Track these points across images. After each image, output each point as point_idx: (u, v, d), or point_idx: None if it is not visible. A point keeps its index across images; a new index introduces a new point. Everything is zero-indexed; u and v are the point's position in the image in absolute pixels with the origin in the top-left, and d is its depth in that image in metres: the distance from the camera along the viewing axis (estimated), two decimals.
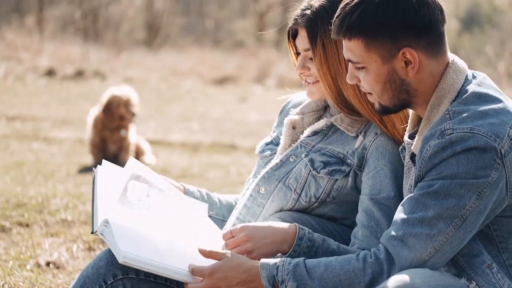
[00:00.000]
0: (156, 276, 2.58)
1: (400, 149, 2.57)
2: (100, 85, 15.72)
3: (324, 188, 2.63)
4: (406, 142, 2.51)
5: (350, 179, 2.63)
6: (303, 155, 2.69)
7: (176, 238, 2.52)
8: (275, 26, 25.65)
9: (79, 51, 19.16)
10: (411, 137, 2.50)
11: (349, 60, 2.40)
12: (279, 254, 2.50)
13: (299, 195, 2.65)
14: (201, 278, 2.38)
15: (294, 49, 2.75)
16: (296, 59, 2.75)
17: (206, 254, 2.43)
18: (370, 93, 2.43)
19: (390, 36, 2.31)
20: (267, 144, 2.87)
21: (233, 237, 2.50)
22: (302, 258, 2.35)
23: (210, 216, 2.86)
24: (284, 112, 2.93)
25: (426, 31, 2.32)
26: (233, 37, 27.23)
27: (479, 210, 2.24)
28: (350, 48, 2.37)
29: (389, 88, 2.37)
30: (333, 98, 2.65)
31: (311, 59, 2.66)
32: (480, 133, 2.22)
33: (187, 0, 28.74)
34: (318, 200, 2.64)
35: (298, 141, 2.74)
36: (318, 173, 2.63)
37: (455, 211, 2.22)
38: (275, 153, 2.80)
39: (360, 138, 2.64)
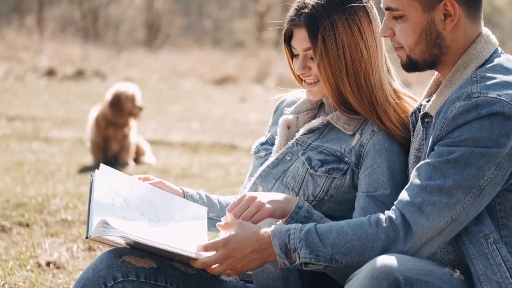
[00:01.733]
0: (156, 278, 2.57)
1: (410, 113, 2.55)
2: (100, 85, 15.73)
3: (322, 186, 2.63)
4: (422, 105, 2.50)
5: (348, 177, 2.62)
6: (299, 154, 2.68)
7: (173, 236, 2.54)
8: (275, 26, 25.63)
9: (79, 51, 19.16)
10: (428, 101, 2.49)
11: (387, 9, 2.40)
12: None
13: (297, 194, 2.64)
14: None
15: (290, 52, 2.74)
16: (292, 61, 2.75)
17: (223, 227, 2.47)
18: (399, 47, 2.42)
19: None
20: (262, 144, 2.87)
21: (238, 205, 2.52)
22: (313, 224, 2.35)
23: (210, 218, 2.86)
24: (278, 111, 2.93)
25: None
26: (233, 37, 27.23)
27: (497, 181, 2.25)
28: None
29: (424, 39, 2.37)
30: (332, 96, 2.65)
31: (311, 58, 2.66)
32: (507, 100, 2.24)
33: (187, 0, 28.74)
34: (316, 199, 2.63)
35: (294, 138, 2.74)
36: (316, 171, 2.63)
37: (474, 181, 2.23)
38: (270, 153, 2.79)
39: (357, 136, 2.64)
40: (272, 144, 2.82)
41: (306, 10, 2.62)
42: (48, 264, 4.12)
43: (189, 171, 7.63)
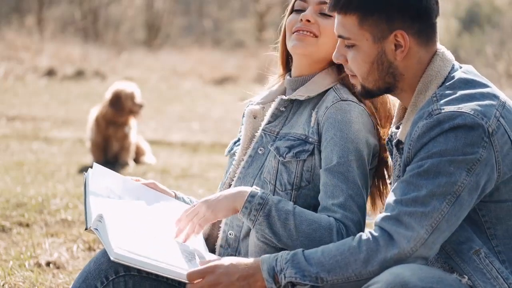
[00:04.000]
0: (157, 274, 2.58)
1: (386, 142, 2.57)
2: (100, 85, 15.73)
3: (295, 172, 2.63)
4: (393, 133, 2.53)
5: (316, 157, 2.62)
6: (269, 145, 2.69)
7: (168, 238, 2.53)
8: (275, 26, 25.66)
9: (79, 51, 19.17)
10: (398, 128, 2.52)
11: (339, 36, 2.42)
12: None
13: (275, 186, 2.64)
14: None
15: (292, 8, 2.73)
16: (289, 16, 2.73)
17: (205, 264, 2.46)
18: (353, 75, 2.45)
19: (385, 16, 2.34)
20: (235, 143, 2.88)
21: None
22: (300, 249, 2.35)
23: None
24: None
25: (421, 17, 2.36)
26: (233, 37, 27.24)
27: (471, 187, 2.25)
28: (343, 23, 2.39)
29: (376, 69, 2.39)
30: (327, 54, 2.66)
31: (322, 14, 2.66)
32: (467, 111, 2.25)
33: (187, 0, 28.75)
34: (294, 187, 2.63)
35: (260, 129, 2.73)
36: (285, 158, 2.63)
37: (447, 187, 2.23)
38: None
39: (314, 115, 2.64)
40: None
41: None
42: (48, 264, 4.12)
43: (189, 171, 7.63)
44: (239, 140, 2.86)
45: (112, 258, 2.31)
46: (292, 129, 2.68)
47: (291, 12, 2.75)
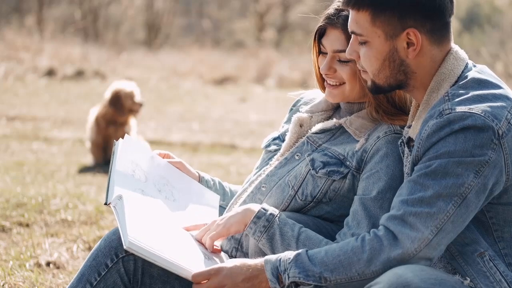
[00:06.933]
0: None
1: (399, 143, 2.56)
2: (100, 85, 15.73)
3: (321, 187, 2.63)
4: (405, 132, 2.53)
5: (347, 181, 2.62)
6: (306, 154, 2.69)
7: (184, 233, 2.54)
8: (274, 26, 25.69)
9: (79, 51, 19.16)
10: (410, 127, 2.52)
11: (352, 32, 2.43)
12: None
13: (296, 192, 2.65)
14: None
15: (318, 49, 2.73)
16: (318, 59, 2.74)
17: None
18: (364, 71, 2.46)
19: (398, 13, 2.34)
20: (274, 139, 2.88)
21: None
22: (304, 249, 2.36)
23: (220, 206, 2.89)
24: (295, 108, 2.93)
25: (433, 15, 2.35)
26: (233, 37, 27.23)
27: (478, 189, 2.24)
28: (356, 20, 2.39)
29: (387, 66, 2.39)
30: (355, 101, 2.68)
31: (339, 61, 2.65)
32: (478, 113, 2.25)
33: (187, 0, 28.74)
34: (314, 200, 2.64)
35: (305, 136, 2.74)
36: (317, 173, 2.64)
37: (454, 189, 2.23)
38: (280, 148, 2.80)
39: (362, 141, 2.64)
40: (283, 140, 2.82)
41: (346, 13, 2.61)
42: (48, 264, 4.12)
43: None
44: (278, 137, 2.87)
45: (125, 247, 2.31)
46: (334, 146, 2.68)
47: (318, 52, 2.73)
